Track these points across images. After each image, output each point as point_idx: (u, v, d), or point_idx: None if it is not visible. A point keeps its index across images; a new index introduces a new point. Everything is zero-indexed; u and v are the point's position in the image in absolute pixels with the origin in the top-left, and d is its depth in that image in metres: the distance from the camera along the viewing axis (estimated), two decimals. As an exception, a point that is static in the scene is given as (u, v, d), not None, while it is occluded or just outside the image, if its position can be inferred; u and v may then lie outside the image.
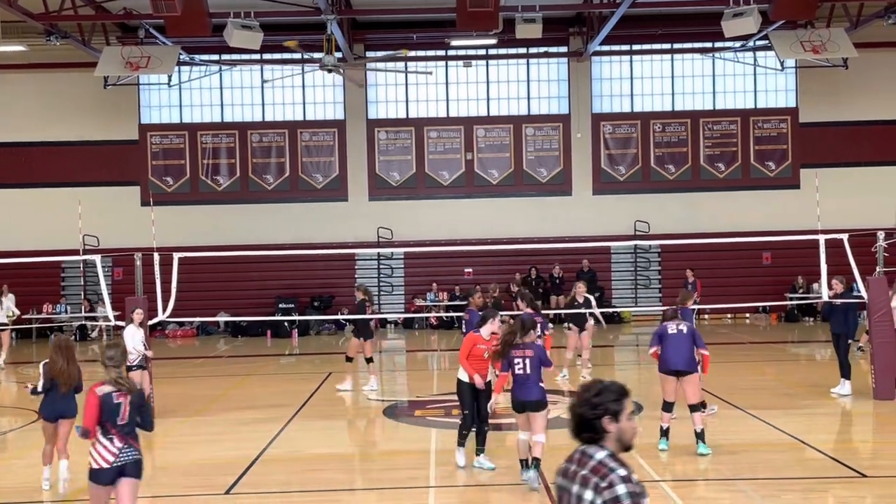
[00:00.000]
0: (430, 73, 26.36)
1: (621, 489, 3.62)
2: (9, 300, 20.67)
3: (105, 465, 6.37)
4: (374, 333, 15.48)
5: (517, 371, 8.90)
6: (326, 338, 25.38)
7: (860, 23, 23.60)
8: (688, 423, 12.32)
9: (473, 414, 9.52)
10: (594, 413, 3.78)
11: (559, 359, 15.24)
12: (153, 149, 28.14)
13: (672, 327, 10.26)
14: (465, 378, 9.50)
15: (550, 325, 25.33)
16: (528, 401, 8.86)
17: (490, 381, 9.64)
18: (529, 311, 12.43)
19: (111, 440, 6.38)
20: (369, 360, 15.02)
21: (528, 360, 8.87)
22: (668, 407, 10.32)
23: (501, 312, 12.38)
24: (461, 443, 9.71)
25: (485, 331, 9.54)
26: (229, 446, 11.23)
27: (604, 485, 3.64)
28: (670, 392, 10.22)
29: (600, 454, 3.73)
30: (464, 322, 13.28)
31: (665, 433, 10.32)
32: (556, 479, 3.87)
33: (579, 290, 15.48)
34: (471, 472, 9.40)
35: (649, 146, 28.18)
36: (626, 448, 3.82)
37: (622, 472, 3.66)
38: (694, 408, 10.16)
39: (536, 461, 8.79)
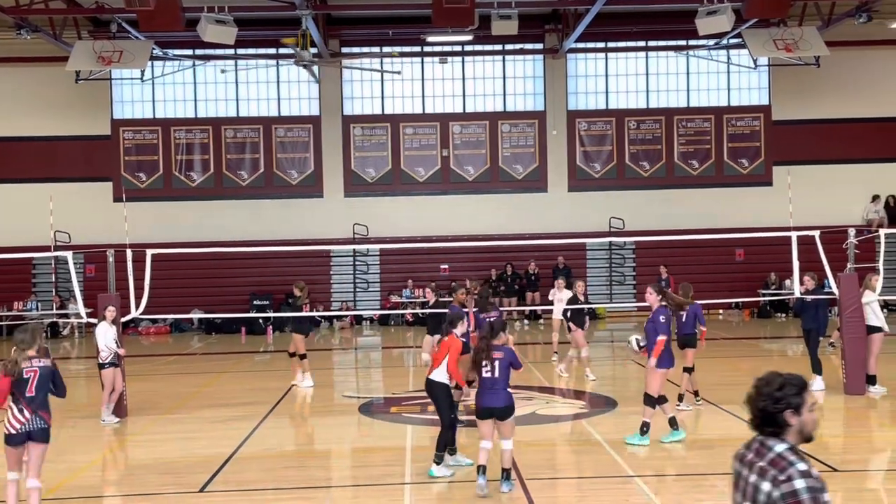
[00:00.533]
0: (399, 72, 26.28)
1: (800, 483, 3.62)
2: None
3: (13, 431, 7.49)
4: (309, 331, 15.44)
5: (485, 374, 8.32)
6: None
7: (832, 21, 23.84)
8: (659, 417, 12.40)
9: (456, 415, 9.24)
10: (776, 407, 3.79)
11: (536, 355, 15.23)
12: (126, 144, 27.88)
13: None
14: (445, 380, 8.95)
15: (526, 321, 25.36)
16: (496, 407, 8.30)
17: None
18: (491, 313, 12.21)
19: (21, 410, 7.47)
20: (303, 357, 15.06)
21: (497, 363, 8.31)
22: (661, 400, 10.35)
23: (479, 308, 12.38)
24: (451, 450, 9.25)
25: (458, 332, 9.11)
26: (203, 444, 11.16)
27: (782, 478, 3.65)
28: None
29: (780, 447, 3.75)
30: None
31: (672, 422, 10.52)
32: (732, 463, 3.86)
33: (579, 288, 15.51)
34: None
35: (624, 143, 28.33)
36: (808, 439, 3.84)
37: (802, 466, 3.68)
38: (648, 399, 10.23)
39: (507, 472, 8.36)
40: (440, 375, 8.92)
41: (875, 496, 8.38)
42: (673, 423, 10.27)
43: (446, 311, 12.12)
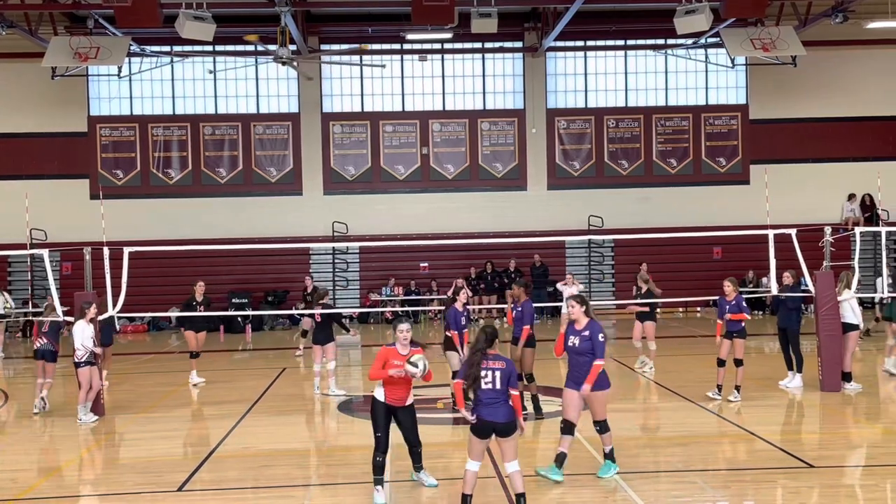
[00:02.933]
0: (384, 66, 26.25)
1: None
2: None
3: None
4: (204, 328, 15.52)
5: (484, 386, 7.45)
6: (280, 333, 25.19)
7: (808, 21, 24.05)
8: (637, 415, 12.48)
9: (388, 437, 8.17)
10: None
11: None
12: (103, 141, 27.67)
13: None
14: (381, 397, 8.24)
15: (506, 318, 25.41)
16: (498, 422, 7.46)
17: (411, 404, 8.47)
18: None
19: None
20: (194, 355, 15.22)
21: (497, 373, 7.48)
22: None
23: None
24: (377, 479, 8.22)
25: (399, 341, 8.22)
26: (181, 443, 11.10)
27: None
28: None
29: None
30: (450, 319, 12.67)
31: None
32: None
33: (640, 282, 15.75)
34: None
35: (603, 142, 28.44)
36: None
37: None
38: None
39: (522, 498, 7.53)
40: (377, 391, 8.34)
41: (850, 492, 8.47)
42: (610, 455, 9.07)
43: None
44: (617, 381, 15.49)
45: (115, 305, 13.35)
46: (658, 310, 24.39)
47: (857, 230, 15.42)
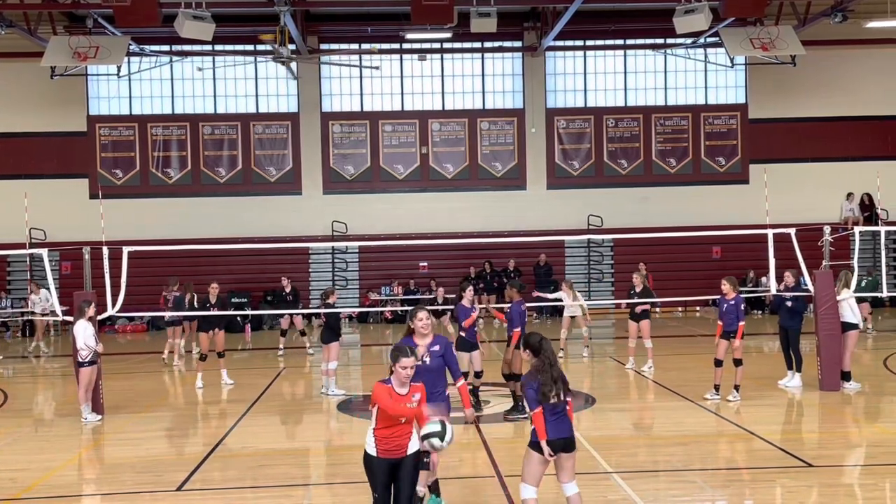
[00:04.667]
0: (378, 67, 26.20)
1: None
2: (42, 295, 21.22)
3: None
4: (209, 329, 15.33)
5: (552, 399, 6.67)
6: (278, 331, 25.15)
7: (808, 21, 24.06)
8: (636, 414, 12.49)
9: (389, 496, 6.52)
10: None
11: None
12: (102, 140, 27.67)
13: None
14: (373, 450, 6.46)
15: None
16: (565, 438, 6.78)
17: (424, 454, 6.77)
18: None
19: None
20: (202, 358, 15.16)
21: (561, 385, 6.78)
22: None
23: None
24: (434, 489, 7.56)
25: (398, 377, 6.45)
26: (181, 442, 11.10)
27: None
28: None
29: None
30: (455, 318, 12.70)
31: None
32: None
33: (636, 281, 15.75)
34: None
35: (602, 141, 28.45)
36: None
37: None
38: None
39: None
40: (367, 443, 6.56)
41: (849, 491, 8.47)
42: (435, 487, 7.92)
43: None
44: (615, 380, 15.53)
45: (114, 305, 13.35)
46: (658, 309, 24.45)
47: (857, 230, 15.43)
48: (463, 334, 12.32)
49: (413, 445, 6.50)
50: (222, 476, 9.36)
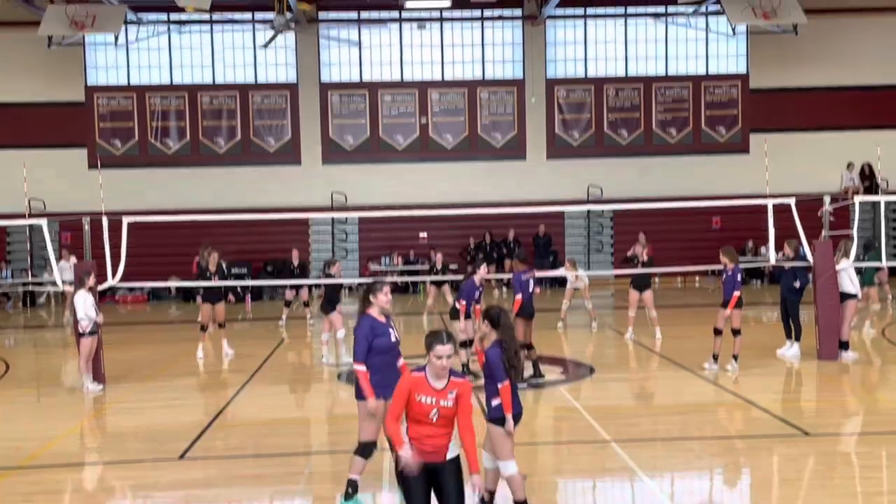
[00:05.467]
0: (387, 26, 25.89)
1: None
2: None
3: None
4: (217, 300, 15.30)
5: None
6: (280, 303, 25.21)
7: (810, -11, 23.87)
8: (635, 383, 12.56)
9: None
10: None
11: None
12: (100, 111, 27.56)
13: None
14: (407, 454, 5.45)
15: (505, 289, 25.41)
16: (520, 412, 6.51)
17: (456, 457, 5.60)
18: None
19: None
20: (204, 328, 15.17)
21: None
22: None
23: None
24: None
25: (433, 369, 5.49)
26: (182, 412, 11.17)
27: None
28: None
29: None
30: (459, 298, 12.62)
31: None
32: None
33: (638, 249, 15.82)
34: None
35: (602, 111, 28.34)
36: None
37: None
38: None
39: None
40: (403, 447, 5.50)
41: (846, 459, 8.54)
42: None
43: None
44: (615, 350, 15.60)
45: (114, 275, 13.36)
46: (657, 279, 24.43)
47: (856, 199, 15.40)
48: (458, 306, 12.38)
49: (454, 448, 5.50)
50: (224, 445, 9.43)
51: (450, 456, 5.49)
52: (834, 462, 8.30)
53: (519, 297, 11.96)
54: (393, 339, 7.14)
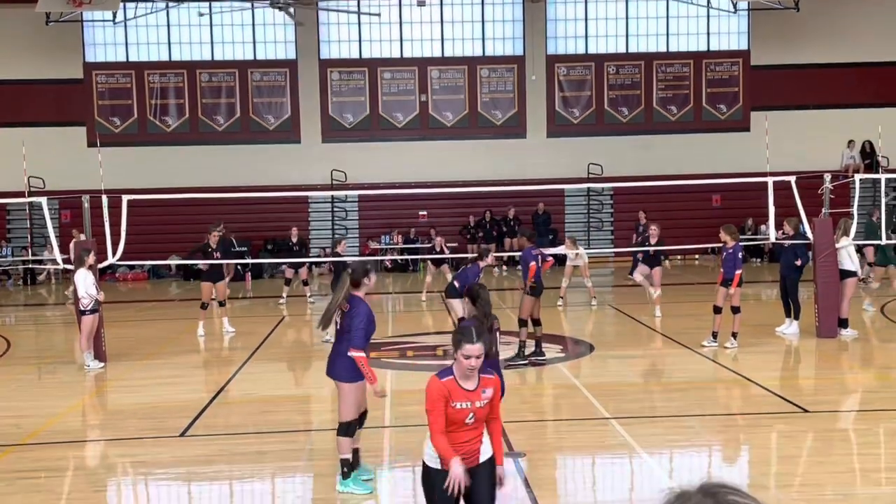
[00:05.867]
0: (378, 14, 25.86)
1: None
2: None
3: None
4: (218, 279, 15.35)
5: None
6: (280, 281, 25.23)
7: (813, -35, 23.69)
8: (635, 361, 12.60)
9: None
10: None
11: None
12: (99, 88, 27.45)
13: None
14: (436, 462, 4.82)
15: (504, 267, 25.46)
16: None
17: (488, 460, 4.96)
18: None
19: None
20: (204, 306, 15.16)
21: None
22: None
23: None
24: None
25: (460, 369, 4.77)
26: (183, 389, 11.21)
27: None
28: None
29: None
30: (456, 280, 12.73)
31: None
32: None
33: (652, 231, 15.83)
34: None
35: (603, 89, 28.23)
36: None
37: None
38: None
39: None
40: (427, 453, 4.92)
41: (844, 436, 8.57)
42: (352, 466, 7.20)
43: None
44: (614, 328, 15.64)
45: (114, 253, 13.37)
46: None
47: (857, 177, 15.38)
48: (456, 284, 12.43)
49: (487, 450, 4.99)
50: (225, 422, 9.47)
51: (483, 458, 4.97)
52: (832, 439, 8.34)
53: (533, 264, 11.95)
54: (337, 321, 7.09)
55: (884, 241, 16.38)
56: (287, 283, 19.89)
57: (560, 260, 19.90)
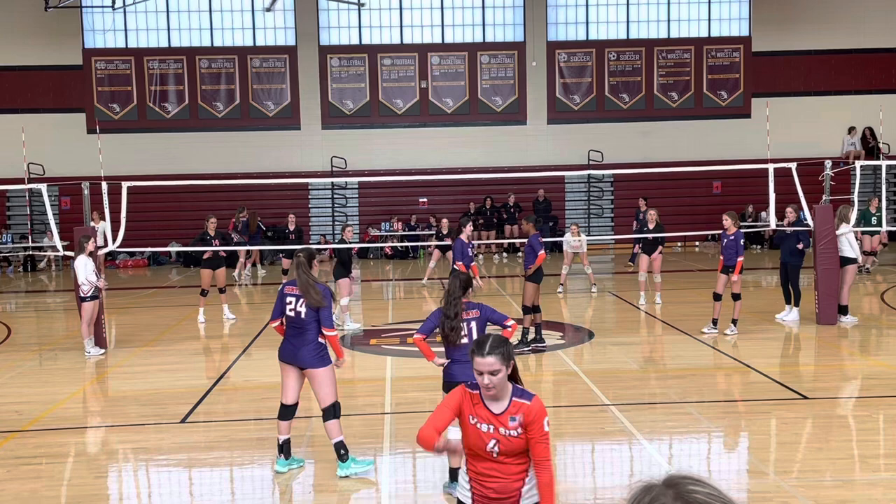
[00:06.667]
0: (364, 4, 25.75)
1: None
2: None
3: None
4: (223, 263, 15.39)
5: (460, 341, 6.54)
6: (279, 268, 25.24)
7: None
8: (635, 347, 12.61)
9: None
10: None
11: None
12: (98, 74, 27.38)
13: None
14: (466, 496, 4.07)
15: (505, 254, 25.45)
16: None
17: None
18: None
19: None
20: (204, 293, 15.17)
21: (472, 324, 6.62)
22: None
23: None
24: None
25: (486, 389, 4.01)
26: (183, 376, 11.23)
27: None
28: None
29: None
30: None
31: None
32: None
33: (650, 216, 15.84)
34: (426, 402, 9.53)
35: (604, 75, 28.15)
36: None
37: None
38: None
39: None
40: (460, 486, 4.20)
41: (843, 422, 8.60)
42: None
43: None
44: (614, 314, 15.65)
45: (114, 240, 13.37)
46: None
47: (857, 164, 15.36)
48: (456, 267, 12.49)
49: (532, 493, 3.96)
50: (225, 409, 9.49)
51: (527, 499, 3.95)
52: (831, 425, 8.36)
53: (542, 252, 12.05)
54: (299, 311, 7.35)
55: (884, 228, 16.38)
56: (284, 272, 19.83)
57: (559, 246, 19.94)
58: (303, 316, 7.12)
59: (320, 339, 7.14)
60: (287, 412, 7.30)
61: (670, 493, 1.55)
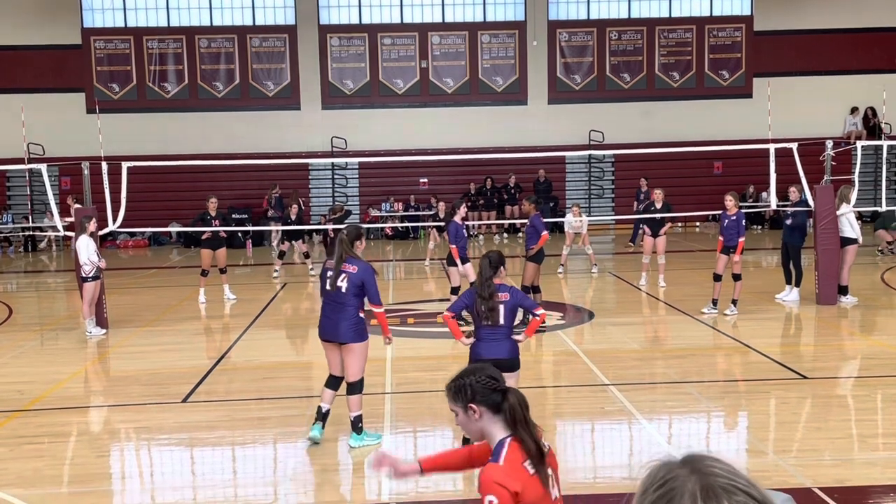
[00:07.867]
0: None
1: None
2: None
3: None
4: (223, 243, 15.43)
5: (484, 322, 6.58)
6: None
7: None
8: (635, 328, 12.63)
9: None
10: None
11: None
12: (97, 54, 27.27)
13: None
14: None
15: (505, 234, 25.44)
16: (502, 358, 6.35)
17: None
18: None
19: None
20: (204, 273, 15.20)
21: (501, 307, 6.57)
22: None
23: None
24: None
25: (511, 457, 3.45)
26: (185, 356, 11.26)
27: None
28: None
29: None
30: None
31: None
32: None
33: (656, 195, 15.83)
34: (426, 384, 9.56)
35: (605, 55, 28.03)
36: None
37: None
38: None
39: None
40: None
41: (842, 402, 8.62)
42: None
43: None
44: (614, 295, 15.67)
45: (115, 220, 13.37)
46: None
47: (859, 144, 15.33)
48: (451, 250, 12.54)
49: None
50: (226, 388, 9.53)
51: None
52: (830, 405, 8.39)
53: (545, 233, 12.16)
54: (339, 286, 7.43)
55: (884, 208, 16.37)
56: (281, 256, 19.69)
57: (559, 227, 19.93)
58: (343, 290, 7.27)
59: (360, 314, 7.33)
60: (335, 382, 7.54)
61: (687, 470, 1.57)
